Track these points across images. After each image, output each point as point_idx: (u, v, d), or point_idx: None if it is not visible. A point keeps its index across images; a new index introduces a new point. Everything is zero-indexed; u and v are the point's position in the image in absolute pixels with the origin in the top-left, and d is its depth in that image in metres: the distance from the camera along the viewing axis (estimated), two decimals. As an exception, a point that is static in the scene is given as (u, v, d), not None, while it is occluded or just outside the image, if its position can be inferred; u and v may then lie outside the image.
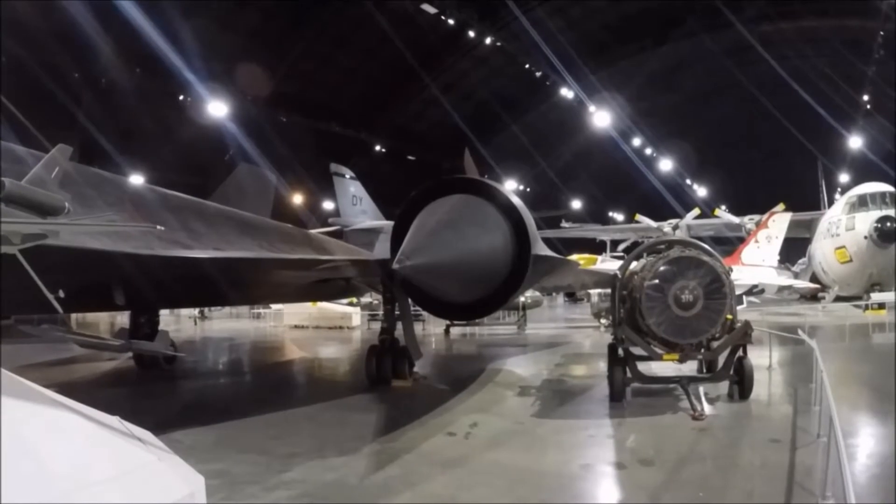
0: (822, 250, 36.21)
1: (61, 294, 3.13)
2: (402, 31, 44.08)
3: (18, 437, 2.33)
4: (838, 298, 34.70)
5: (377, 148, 61.58)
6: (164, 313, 34.81)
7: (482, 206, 10.54)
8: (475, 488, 7.60)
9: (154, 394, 14.69)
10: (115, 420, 3.09)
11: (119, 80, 36.26)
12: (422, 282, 9.94)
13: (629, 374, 12.59)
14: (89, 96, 34.15)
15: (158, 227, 4.03)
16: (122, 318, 20.43)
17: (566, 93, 55.34)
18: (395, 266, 8.31)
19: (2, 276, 2.89)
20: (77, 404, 3.02)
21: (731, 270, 12.81)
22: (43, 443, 2.47)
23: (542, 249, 11.67)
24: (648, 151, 66.26)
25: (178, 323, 35.48)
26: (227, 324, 36.48)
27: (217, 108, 42.12)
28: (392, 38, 44.10)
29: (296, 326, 32.31)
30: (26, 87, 27.04)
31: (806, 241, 41.37)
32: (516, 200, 11.23)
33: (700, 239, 21.84)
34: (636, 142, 62.96)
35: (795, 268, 43.16)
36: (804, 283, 37.18)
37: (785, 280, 36.14)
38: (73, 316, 28.56)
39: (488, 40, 49.69)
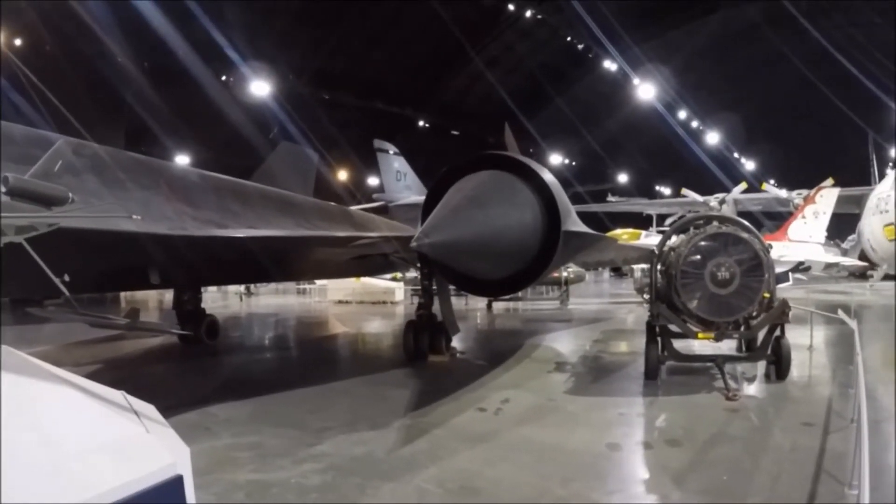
0: (871, 227, 34.98)
1: (66, 278, 3.26)
2: (443, 7, 43.82)
3: (5, 406, 2.48)
4: (887, 277, 33.74)
5: (421, 123, 61.67)
6: (212, 290, 35.79)
7: (511, 182, 10.46)
8: (499, 464, 7.66)
9: (196, 369, 15.09)
10: (118, 394, 3.22)
11: (161, 63, 36.82)
12: (443, 259, 9.95)
13: (665, 352, 12.51)
14: (133, 81, 34.77)
15: (134, 216, 4.15)
16: (170, 296, 20.97)
17: (610, 65, 54.55)
18: (413, 245, 8.34)
19: (6, 261, 3.04)
20: (80, 379, 3.15)
21: (771, 247, 12.52)
22: (29, 412, 2.61)
23: (574, 225, 11.54)
24: (695, 124, 65.00)
25: (225, 299, 36.25)
26: (272, 299, 37.15)
27: (260, 88, 42.59)
28: (433, 13, 43.88)
29: (339, 302, 32.73)
30: (71, 75, 27.64)
31: (857, 217, 40.18)
32: (547, 176, 11.12)
33: (747, 214, 21.44)
34: (682, 114, 61.82)
35: (845, 244, 41.94)
36: (851, 261, 36.13)
37: (832, 257, 35.15)
38: (122, 294, 29.52)
39: (529, 13, 49.08)
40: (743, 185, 46.01)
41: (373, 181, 57.19)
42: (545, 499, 6.63)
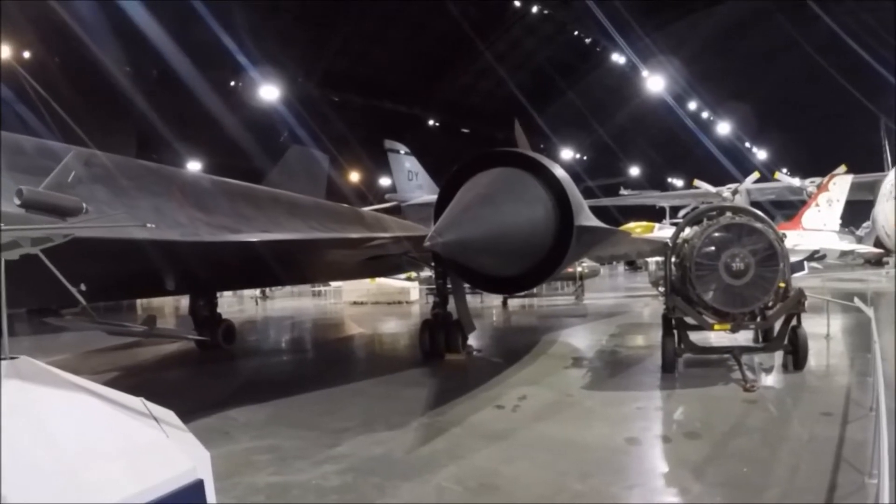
0: (885, 213, 34.57)
1: (83, 287, 3.30)
2: (450, 5, 43.81)
3: (27, 415, 2.53)
4: None
5: (431, 122, 61.68)
6: (228, 294, 35.96)
7: (523, 179, 10.42)
8: (518, 461, 7.67)
9: (214, 374, 15.19)
10: (137, 401, 3.26)
11: (170, 70, 36.97)
12: (457, 257, 9.93)
13: (682, 345, 12.47)
14: (143, 89, 34.92)
15: (148, 224, 4.18)
16: (186, 302, 21.07)
17: (619, 58, 54.39)
18: (426, 244, 8.33)
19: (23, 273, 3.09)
20: (98, 386, 3.20)
21: (785, 236, 12.44)
22: (51, 421, 2.65)
23: (587, 220, 11.51)
24: (706, 115, 64.68)
25: (241, 303, 36.41)
26: (288, 302, 37.26)
27: (269, 92, 42.75)
28: (440, 11, 43.87)
29: (355, 303, 32.81)
30: (81, 86, 27.83)
31: (871, 204, 39.80)
32: (559, 171, 11.09)
33: (760, 204, 21.33)
34: (693, 105, 61.56)
35: (860, 231, 41.61)
36: (866, 248, 35.80)
37: (847, 245, 34.85)
38: (139, 302, 29.71)
39: (535, 9, 48.98)
40: (755, 175, 45.72)
41: (384, 181, 57.32)
42: (564, 494, 6.62)
